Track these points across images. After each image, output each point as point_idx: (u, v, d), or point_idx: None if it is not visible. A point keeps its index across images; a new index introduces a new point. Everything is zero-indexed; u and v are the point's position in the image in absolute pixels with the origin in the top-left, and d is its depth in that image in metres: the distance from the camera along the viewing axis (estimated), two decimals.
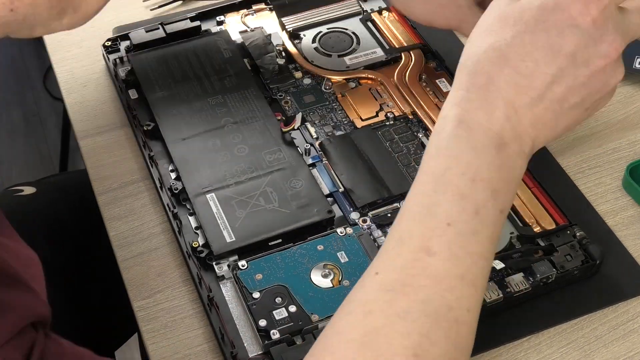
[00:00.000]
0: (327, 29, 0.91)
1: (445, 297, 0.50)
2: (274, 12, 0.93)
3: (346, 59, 0.88)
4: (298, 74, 0.87)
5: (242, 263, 0.69)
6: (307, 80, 0.87)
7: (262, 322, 0.65)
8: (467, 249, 0.51)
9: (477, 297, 0.52)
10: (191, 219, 0.74)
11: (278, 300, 0.66)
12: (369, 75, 0.86)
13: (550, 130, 0.54)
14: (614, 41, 0.52)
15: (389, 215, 0.74)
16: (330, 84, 0.86)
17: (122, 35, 0.91)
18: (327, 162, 0.78)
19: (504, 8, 0.54)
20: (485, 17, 0.55)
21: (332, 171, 0.77)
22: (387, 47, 0.89)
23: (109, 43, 0.90)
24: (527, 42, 0.52)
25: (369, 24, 0.92)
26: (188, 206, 0.75)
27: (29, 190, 0.99)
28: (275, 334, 0.64)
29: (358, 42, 0.90)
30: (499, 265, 0.69)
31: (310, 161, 0.79)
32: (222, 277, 0.70)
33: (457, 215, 0.51)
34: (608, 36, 0.52)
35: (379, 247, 0.71)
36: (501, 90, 0.52)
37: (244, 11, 0.94)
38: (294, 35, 0.91)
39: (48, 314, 0.54)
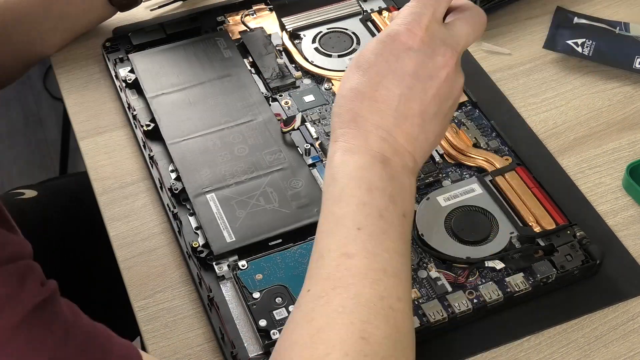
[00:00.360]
0: (327, 29, 0.91)
1: (374, 288, 0.55)
2: (274, 12, 0.93)
3: (346, 59, 0.88)
4: (298, 74, 0.87)
5: (242, 263, 0.69)
6: (307, 80, 0.87)
7: (262, 322, 0.65)
8: (381, 246, 0.57)
9: (403, 287, 0.57)
10: (191, 219, 0.74)
11: (278, 300, 0.66)
12: None
13: (424, 142, 0.61)
14: (446, 52, 0.60)
15: None
16: (330, 84, 0.86)
17: (122, 35, 0.91)
18: (327, 162, 0.78)
19: (355, 59, 0.62)
20: (345, 72, 0.62)
21: None
22: None
23: (109, 43, 0.90)
24: (375, 74, 0.60)
25: (369, 24, 0.92)
26: (188, 206, 0.75)
27: (30, 193, 0.99)
28: (275, 334, 0.64)
29: (358, 42, 0.90)
30: (499, 265, 0.69)
31: (310, 161, 0.79)
32: (222, 277, 0.70)
33: (364, 219, 0.57)
34: (439, 49, 0.60)
35: None
36: (367, 119, 0.59)
37: (244, 11, 0.94)
38: (294, 35, 0.91)
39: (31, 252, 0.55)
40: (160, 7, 0.96)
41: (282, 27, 0.91)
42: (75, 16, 0.90)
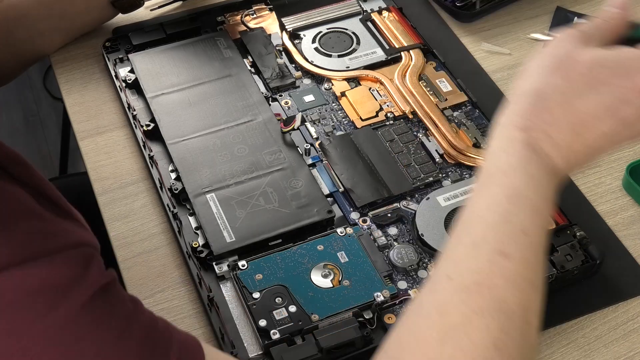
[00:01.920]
0: (327, 29, 0.91)
1: (519, 297, 0.52)
2: (274, 12, 0.93)
3: (346, 59, 0.88)
4: (298, 74, 0.87)
5: (242, 263, 0.69)
6: (307, 80, 0.87)
7: (262, 322, 0.65)
8: (536, 257, 0.54)
9: (540, 304, 0.54)
10: (191, 219, 0.74)
11: (278, 300, 0.66)
12: (369, 75, 0.86)
13: (596, 153, 0.57)
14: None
15: (389, 215, 0.74)
16: (330, 84, 0.86)
17: (122, 35, 0.91)
18: (327, 162, 0.78)
19: (576, 51, 0.56)
20: (553, 51, 0.57)
21: (332, 171, 0.77)
22: (387, 47, 0.89)
23: (109, 43, 0.90)
24: (594, 101, 0.55)
25: (369, 24, 0.92)
26: (188, 206, 0.75)
27: None
28: (275, 334, 0.64)
29: (358, 42, 0.90)
30: None
31: (310, 161, 0.78)
32: (222, 277, 0.70)
33: (531, 226, 0.54)
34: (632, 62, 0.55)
35: (378, 246, 0.71)
36: (562, 131, 0.56)
37: (244, 11, 0.94)
38: (294, 35, 0.91)
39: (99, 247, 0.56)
40: (160, 7, 0.96)
41: (282, 27, 0.91)
42: (76, 16, 0.90)
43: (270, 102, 0.84)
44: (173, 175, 0.77)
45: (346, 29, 0.91)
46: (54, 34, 0.91)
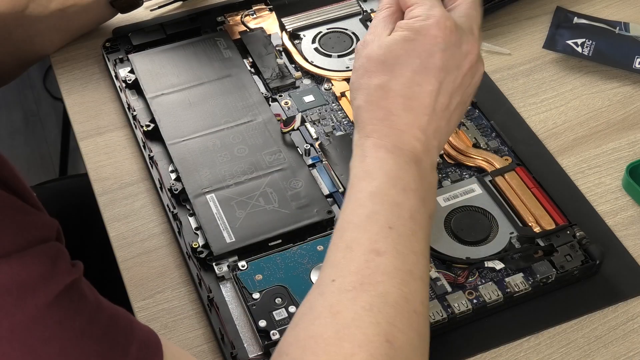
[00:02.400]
0: (327, 29, 0.91)
1: (401, 289, 0.55)
2: (274, 12, 0.93)
3: (346, 59, 0.88)
4: (298, 74, 0.87)
5: (242, 264, 0.69)
6: (307, 81, 0.87)
7: (262, 323, 0.65)
8: (410, 247, 0.57)
9: (425, 292, 0.57)
10: (191, 219, 0.74)
11: (278, 300, 0.66)
12: None
13: (446, 134, 0.62)
14: (469, 39, 0.61)
15: None
16: (330, 84, 0.86)
17: (122, 35, 0.91)
18: (327, 162, 0.78)
19: (374, 50, 0.62)
20: (359, 61, 0.63)
21: (332, 171, 0.77)
22: None
23: (109, 43, 0.90)
24: (405, 72, 0.60)
25: (369, 24, 0.92)
26: (188, 207, 0.75)
27: None
28: (275, 335, 0.64)
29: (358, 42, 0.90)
30: (499, 265, 0.69)
31: (310, 161, 0.79)
32: (222, 278, 0.70)
33: (396, 220, 0.57)
34: (464, 37, 0.61)
35: None
36: (401, 117, 0.60)
37: (244, 11, 0.94)
38: (294, 35, 0.91)
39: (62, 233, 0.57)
40: (160, 7, 0.96)
41: (282, 27, 0.91)
42: (75, 16, 0.90)
43: (270, 103, 0.84)
44: (173, 176, 0.77)
45: (346, 29, 0.91)
46: (53, 34, 0.91)
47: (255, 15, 0.94)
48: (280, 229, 0.72)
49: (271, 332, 0.64)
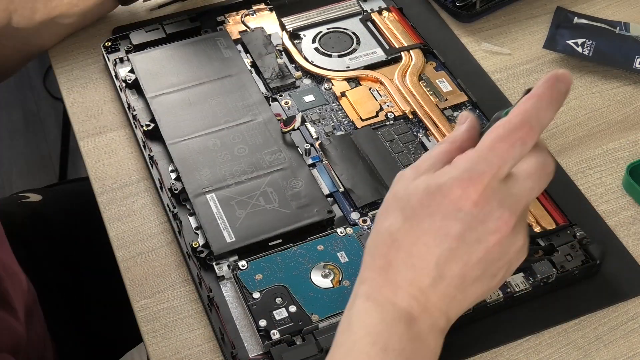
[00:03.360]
0: (327, 29, 0.91)
1: None
2: (274, 12, 0.93)
3: (346, 59, 0.88)
4: (298, 74, 0.87)
5: (242, 263, 0.69)
6: (307, 80, 0.87)
7: (262, 322, 0.65)
8: None
9: None
10: (191, 219, 0.74)
11: (278, 300, 0.66)
12: (369, 75, 0.86)
13: (460, 302, 0.54)
14: (501, 216, 0.52)
15: None
16: (330, 84, 0.86)
17: (122, 35, 0.91)
18: (327, 162, 0.78)
19: (397, 188, 0.55)
20: (387, 196, 0.56)
21: (332, 171, 0.77)
22: (387, 47, 0.89)
23: (109, 43, 0.90)
24: (415, 227, 0.53)
25: (369, 24, 0.92)
26: (188, 206, 0.75)
27: (34, 197, 1.00)
28: (275, 334, 0.64)
29: (358, 42, 0.90)
30: None
31: (310, 161, 0.78)
32: (222, 278, 0.70)
33: None
34: (494, 214, 0.52)
35: None
36: (400, 272, 0.53)
37: (244, 11, 0.94)
38: (294, 35, 0.91)
39: (24, 337, 0.53)
40: (160, 7, 0.96)
41: (282, 27, 0.91)
42: (78, 8, 0.90)
43: (270, 102, 0.84)
44: (173, 175, 0.77)
45: (346, 29, 0.91)
46: (58, 26, 0.91)
47: (255, 15, 0.94)
48: (281, 228, 0.72)
49: (271, 331, 0.64)
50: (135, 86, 0.86)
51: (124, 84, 0.86)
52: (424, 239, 0.53)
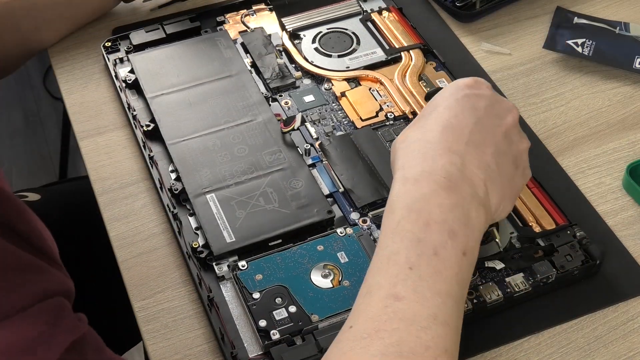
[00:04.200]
0: (327, 29, 0.91)
1: (420, 337, 0.51)
2: (274, 12, 0.93)
3: (346, 59, 0.88)
4: (298, 74, 0.87)
5: (242, 263, 0.69)
6: (307, 80, 0.87)
7: (262, 323, 0.65)
8: (433, 289, 0.53)
9: (452, 337, 0.53)
10: (191, 219, 0.74)
11: (278, 300, 0.66)
12: (369, 75, 0.86)
13: (497, 176, 0.59)
14: (509, 103, 0.63)
15: None
16: (330, 84, 0.86)
17: (122, 35, 0.91)
18: (327, 162, 0.78)
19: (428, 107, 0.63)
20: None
21: (332, 171, 0.77)
22: (387, 47, 0.89)
23: (109, 43, 0.90)
24: (447, 108, 0.60)
25: (369, 24, 0.92)
26: (188, 207, 0.75)
27: (33, 196, 1.00)
28: (275, 334, 0.64)
29: (358, 42, 0.90)
30: (499, 265, 0.69)
31: (310, 161, 0.78)
32: (222, 278, 0.70)
33: (417, 258, 0.53)
34: (504, 100, 0.63)
35: None
36: (437, 142, 0.57)
37: (244, 11, 0.94)
38: (294, 35, 0.91)
39: (73, 290, 0.54)
40: (160, 7, 0.96)
41: (282, 27, 0.91)
42: (80, 4, 0.91)
43: (270, 102, 0.84)
44: (173, 176, 0.77)
45: (346, 29, 0.91)
46: (59, 22, 0.91)
47: (255, 15, 0.94)
48: (281, 228, 0.72)
49: (271, 331, 0.64)
50: (135, 86, 0.86)
51: (124, 84, 0.86)
52: (456, 111, 0.59)
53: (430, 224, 0.54)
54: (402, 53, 0.88)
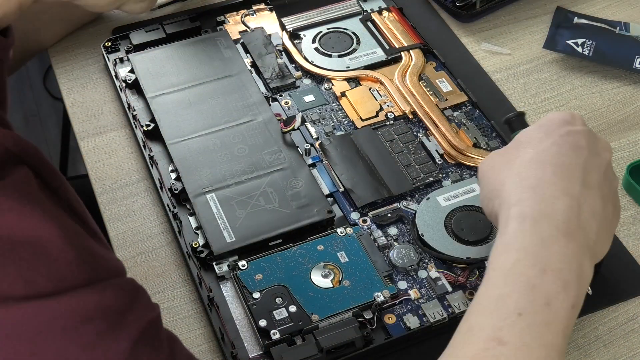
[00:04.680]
0: (327, 29, 0.91)
1: None
2: (274, 12, 0.93)
3: (346, 59, 0.88)
4: (298, 74, 0.87)
5: (242, 263, 0.69)
6: (307, 80, 0.87)
7: (262, 322, 0.65)
8: (540, 340, 0.51)
9: None
10: (191, 219, 0.74)
11: (278, 300, 0.66)
12: (369, 75, 0.86)
13: (604, 223, 0.56)
14: (604, 141, 0.60)
15: (389, 215, 0.74)
16: (330, 84, 0.86)
17: (122, 35, 0.91)
18: (327, 162, 0.78)
19: (533, 128, 0.61)
20: (527, 131, 0.61)
21: (332, 171, 0.77)
22: (387, 47, 0.89)
23: (109, 43, 0.90)
24: (552, 144, 0.58)
25: (369, 24, 0.92)
26: (188, 206, 0.75)
27: None
28: (275, 334, 0.64)
29: (358, 42, 0.90)
30: None
31: (310, 161, 0.78)
32: (222, 277, 0.70)
33: (528, 305, 0.51)
34: (599, 138, 0.60)
35: (378, 246, 0.71)
36: (554, 183, 0.55)
37: (244, 11, 0.94)
38: (294, 35, 0.91)
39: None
40: (160, 7, 0.96)
41: (282, 27, 0.91)
42: (76, 6, 0.90)
43: (270, 102, 0.84)
44: (173, 175, 0.77)
45: (346, 29, 0.91)
46: (56, 24, 0.91)
47: (255, 15, 0.94)
48: (281, 228, 0.72)
49: (271, 331, 0.64)
50: (135, 86, 0.86)
51: (124, 84, 0.86)
52: (564, 151, 0.57)
53: (547, 272, 0.52)
54: (402, 53, 0.88)
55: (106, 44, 0.90)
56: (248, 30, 0.92)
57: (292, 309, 0.66)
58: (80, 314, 0.47)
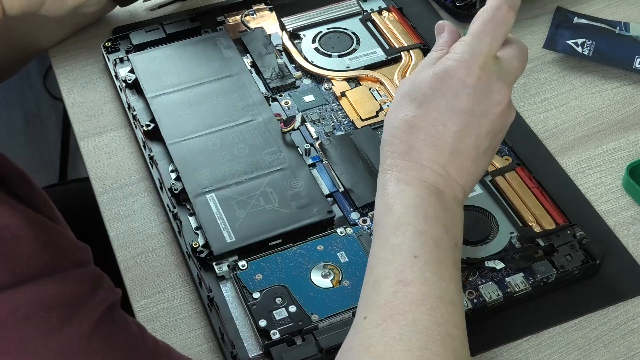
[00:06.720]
0: (327, 29, 0.91)
1: (431, 315, 0.55)
2: (274, 12, 0.93)
3: (346, 59, 0.88)
4: (298, 74, 0.87)
5: (242, 263, 0.69)
6: (307, 80, 0.87)
7: (262, 322, 0.65)
8: (437, 274, 0.57)
9: (459, 315, 0.57)
10: (191, 219, 0.74)
11: (278, 300, 0.66)
12: (369, 75, 0.86)
13: (473, 175, 0.62)
14: (502, 89, 0.61)
15: None
16: (330, 84, 0.86)
17: (122, 35, 0.91)
18: (327, 162, 0.78)
19: (406, 87, 0.63)
20: (395, 98, 0.64)
21: (332, 171, 0.77)
22: (387, 47, 0.89)
23: (109, 43, 0.90)
24: (432, 109, 0.61)
25: (369, 24, 0.92)
26: (188, 206, 0.75)
27: None
28: (275, 334, 0.64)
29: (358, 42, 0.90)
30: (499, 265, 0.69)
31: (310, 161, 0.78)
32: (222, 278, 0.70)
33: (420, 247, 0.57)
34: (495, 85, 0.61)
35: None
36: (423, 152, 0.60)
37: (244, 11, 0.94)
38: (294, 35, 0.91)
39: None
40: (160, 7, 0.96)
41: (282, 27, 0.91)
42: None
43: (270, 102, 0.84)
44: (173, 176, 0.77)
45: (346, 29, 0.91)
46: (54, 27, 0.91)
47: (255, 15, 0.94)
48: (281, 228, 0.72)
49: (271, 331, 0.64)
50: (135, 86, 0.86)
51: (124, 84, 0.86)
52: (440, 118, 0.60)
53: (428, 219, 0.58)
54: (402, 53, 0.88)
55: (106, 44, 0.90)
56: (248, 30, 0.92)
57: (292, 309, 0.66)
58: (40, 303, 0.48)
